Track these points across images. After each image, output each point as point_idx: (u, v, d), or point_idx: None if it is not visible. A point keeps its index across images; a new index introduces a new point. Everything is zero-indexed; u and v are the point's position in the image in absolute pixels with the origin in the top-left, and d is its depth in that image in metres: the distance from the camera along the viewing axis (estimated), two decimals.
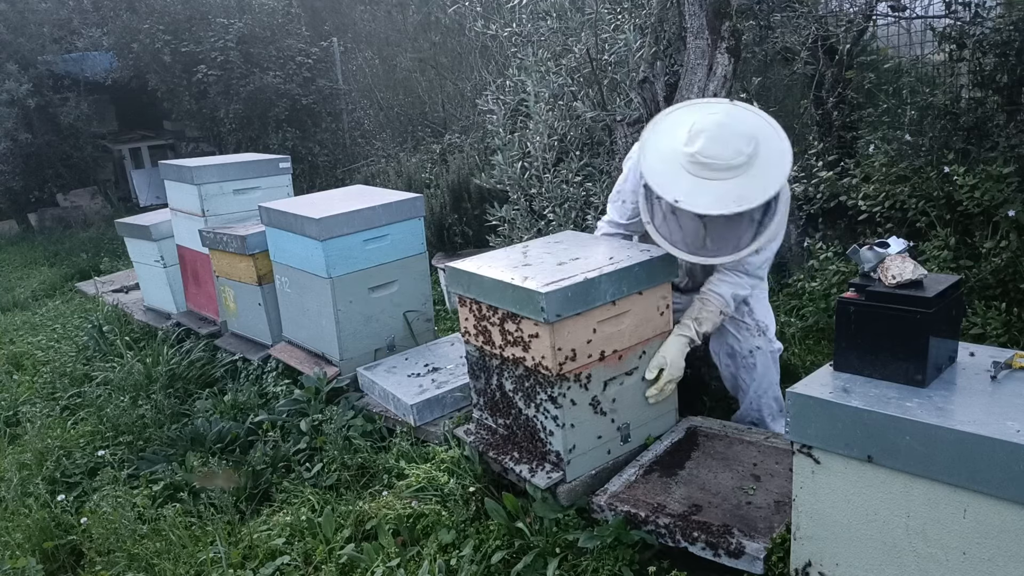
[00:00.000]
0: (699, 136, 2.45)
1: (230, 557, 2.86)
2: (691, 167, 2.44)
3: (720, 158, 2.41)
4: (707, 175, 2.42)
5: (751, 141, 2.44)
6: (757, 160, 2.43)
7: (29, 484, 3.67)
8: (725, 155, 2.41)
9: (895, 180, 4.05)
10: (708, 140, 2.43)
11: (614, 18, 4.49)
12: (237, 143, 9.39)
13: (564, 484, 2.58)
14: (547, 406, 2.56)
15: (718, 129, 2.45)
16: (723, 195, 2.40)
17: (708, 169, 2.42)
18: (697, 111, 2.60)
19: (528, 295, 2.45)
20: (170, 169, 4.96)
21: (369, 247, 3.90)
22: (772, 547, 2.16)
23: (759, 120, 2.55)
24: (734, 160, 2.41)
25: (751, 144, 2.44)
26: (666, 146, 2.53)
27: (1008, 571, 1.68)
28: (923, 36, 4.63)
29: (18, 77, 9.62)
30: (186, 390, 4.44)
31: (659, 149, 2.55)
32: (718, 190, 2.41)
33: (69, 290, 7.64)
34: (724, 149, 2.42)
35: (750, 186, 2.41)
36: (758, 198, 2.40)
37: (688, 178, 2.44)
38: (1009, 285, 3.54)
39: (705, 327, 2.75)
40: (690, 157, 2.44)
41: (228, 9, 9.42)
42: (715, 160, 2.41)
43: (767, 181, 2.42)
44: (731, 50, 3.58)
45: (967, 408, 1.77)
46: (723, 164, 2.41)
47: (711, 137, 2.43)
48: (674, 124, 2.58)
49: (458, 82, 8.66)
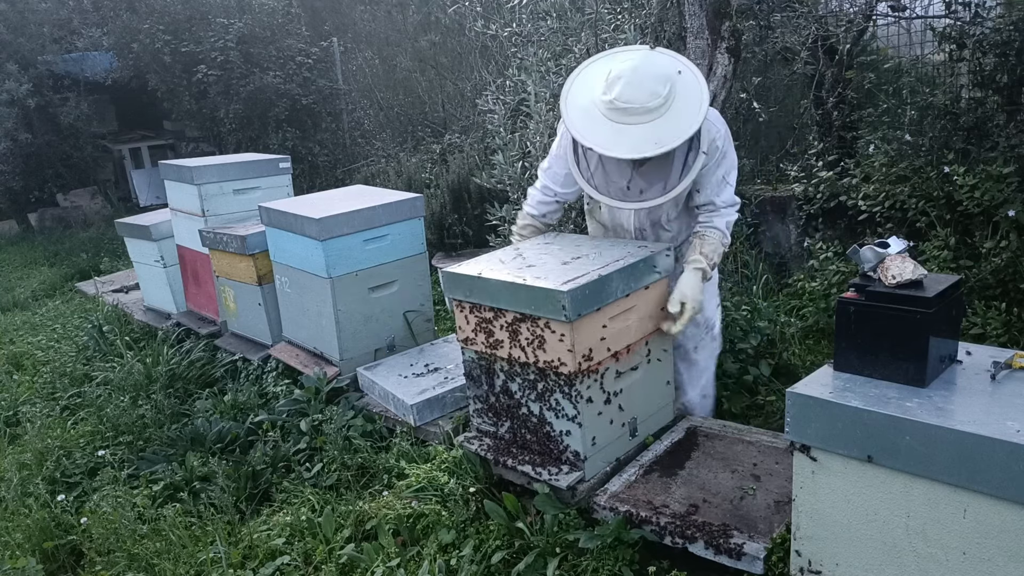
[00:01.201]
0: (616, 83, 2.48)
1: (230, 557, 2.86)
2: (610, 113, 2.49)
3: (636, 101, 2.44)
4: (625, 120, 2.46)
5: (666, 82, 2.47)
6: (675, 101, 2.47)
7: (29, 484, 3.67)
8: (640, 98, 2.44)
9: (895, 180, 4.05)
10: (624, 86, 2.46)
11: (614, 18, 4.49)
12: (237, 143, 9.39)
13: (584, 483, 2.58)
14: (563, 406, 2.55)
15: (633, 74, 2.48)
16: (642, 138, 2.44)
17: (626, 114, 2.46)
18: (614, 59, 2.63)
19: (547, 295, 2.43)
20: (170, 169, 4.96)
21: (369, 247, 3.90)
22: (772, 547, 2.16)
23: (675, 62, 2.58)
24: (650, 103, 2.44)
25: (666, 85, 2.47)
26: (585, 97, 2.58)
27: (1008, 571, 1.68)
28: (923, 36, 4.63)
29: (18, 77, 9.62)
30: (186, 390, 4.44)
31: (578, 101, 2.59)
32: (638, 134, 2.45)
33: (69, 290, 7.65)
34: (639, 92, 2.45)
35: (668, 127, 2.45)
36: (676, 139, 2.44)
37: (608, 125, 2.49)
38: (1009, 285, 3.54)
39: (714, 258, 2.75)
40: (608, 104, 2.48)
41: (228, 9, 9.42)
42: (631, 104, 2.45)
43: (685, 121, 2.45)
44: (731, 50, 3.58)
45: (967, 408, 1.77)
46: (640, 108, 2.44)
47: (627, 83, 2.46)
48: (592, 75, 2.62)
49: (458, 82, 8.66)
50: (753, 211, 4.80)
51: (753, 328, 3.59)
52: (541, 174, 3.04)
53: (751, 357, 3.51)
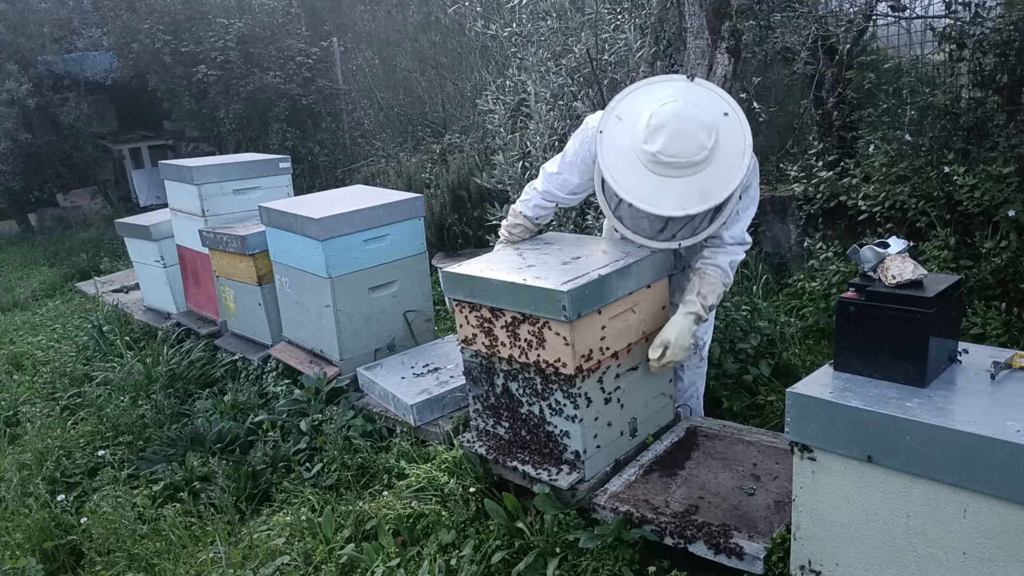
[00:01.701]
0: (658, 133, 2.34)
1: (230, 557, 2.86)
2: (652, 166, 2.36)
3: (682, 156, 2.33)
4: (669, 173, 2.35)
5: (711, 132, 2.35)
6: (718, 151, 2.36)
7: (29, 484, 3.67)
8: (688, 151, 2.33)
9: (895, 180, 4.06)
10: (669, 138, 2.33)
11: (614, 18, 4.50)
12: (237, 143, 9.40)
13: (584, 483, 2.58)
14: (563, 406, 2.55)
15: (678, 122, 2.34)
16: (686, 193, 2.34)
17: (670, 168, 2.34)
18: (653, 97, 2.46)
19: (547, 295, 2.43)
20: (170, 169, 4.96)
21: (369, 247, 3.90)
22: (772, 547, 2.16)
23: (716, 101, 2.45)
24: (696, 156, 2.33)
25: (712, 135, 2.34)
26: (624, 142, 2.43)
27: (1008, 571, 1.68)
28: (923, 36, 4.63)
29: (18, 77, 9.63)
30: (186, 390, 4.44)
31: (617, 145, 2.44)
32: (681, 187, 2.35)
33: (69, 290, 7.65)
34: (686, 145, 2.33)
35: (713, 179, 2.35)
36: (722, 192, 2.35)
37: (649, 177, 2.37)
38: (1009, 285, 3.54)
39: (710, 300, 2.63)
40: (651, 157, 2.35)
41: (228, 9, 9.43)
42: (677, 159, 2.33)
43: (729, 171, 2.36)
44: (731, 50, 3.58)
45: (967, 408, 1.77)
46: (685, 162, 2.33)
47: (671, 134, 2.33)
48: (630, 112, 2.47)
49: (458, 82, 8.66)
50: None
51: (753, 328, 3.59)
52: (545, 178, 2.88)
53: (751, 357, 3.51)
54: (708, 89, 2.51)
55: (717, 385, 3.42)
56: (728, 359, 3.47)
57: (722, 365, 3.43)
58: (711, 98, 2.46)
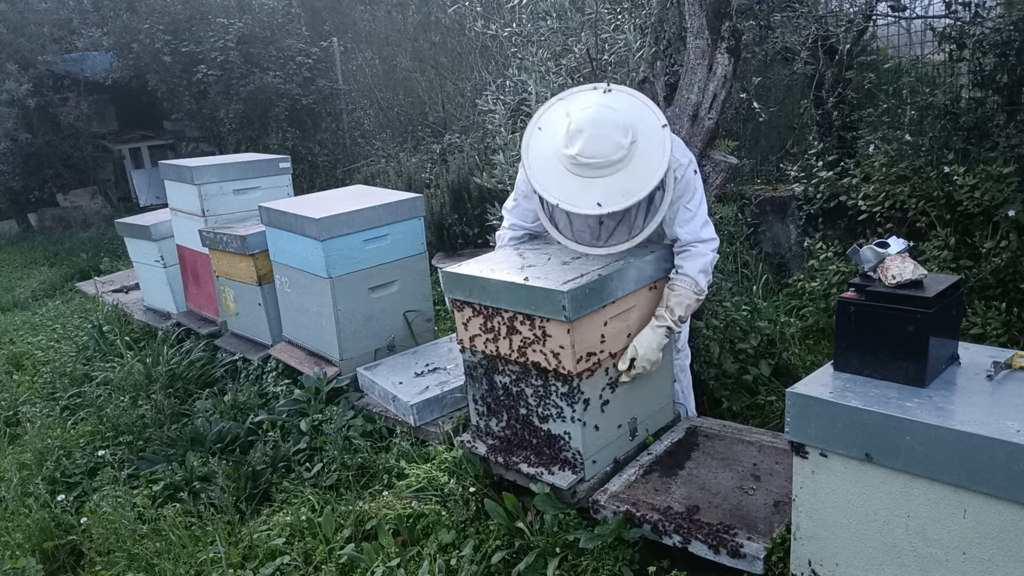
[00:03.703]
0: (577, 137, 2.41)
1: (230, 557, 2.86)
2: (573, 168, 2.43)
3: (600, 155, 2.39)
4: (590, 174, 2.41)
5: (628, 131, 2.41)
6: (637, 148, 2.42)
7: (29, 484, 3.67)
8: (604, 151, 2.39)
9: (895, 180, 4.06)
10: (586, 140, 2.39)
11: (614, 18, 4.49)
12: (237, 143, 9.40)
13: (584, 483, 2.58)
14: (563, 406, 2.55)
15: (594, 126, 2.41)
16: (609, 191, 2.39)
17: (590, 168, 2.40)
18: (571, 104, 2.56)
19: (547, 295, 2.43)
20: (170, 169, 4.96)
21: (369, 247, 3.90)
22: (772, 547, 2.17)
23: (634, 103, 2.52)
24: (614, 155, 2.39)
25: (628, 134, 2.41)
26: (547, 147, 2.51)
27: (1008, 571, 1.68)
28: (923, 36, 4.63)
29: (18, 77, 9.62)
30: (186, 390, 4.44)
31: (540, 152, 2.52)
32: (603, 187, 2.40)
33: (69, 290, 7.65)
34: (603, 145, 2.39)
35: (634, 176, 2.40)
36: (644, 188, 2.39)
37: (572, 179, 2.43)
38: (1009, 285, 3.55)
39: (679, 312, 2.64)
40: (572, 160, 2.42)
41: (228, 9, 9.43)
42: (595, 159, 2.39)
43: (651, 167, 2.41)
44: (731, 50, 3.58)
45: (967, 408, 1.77)
46: (604, 161, 2.39)
47: (589, 136, 2.40)
48: (552, 120, 2.55)
49: (458, 82, 8.66)
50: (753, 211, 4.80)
51: (753, 328, 3.59)
52: (507, 214, 2.99)
53: (751, 357, 3.51)
54: (623, 93, 2.57)
55: (717, 385, 3.42)
56: (728, 359, 3.46)
57: (722, 365, 3.42)
58: (627, 100, 2.54)
